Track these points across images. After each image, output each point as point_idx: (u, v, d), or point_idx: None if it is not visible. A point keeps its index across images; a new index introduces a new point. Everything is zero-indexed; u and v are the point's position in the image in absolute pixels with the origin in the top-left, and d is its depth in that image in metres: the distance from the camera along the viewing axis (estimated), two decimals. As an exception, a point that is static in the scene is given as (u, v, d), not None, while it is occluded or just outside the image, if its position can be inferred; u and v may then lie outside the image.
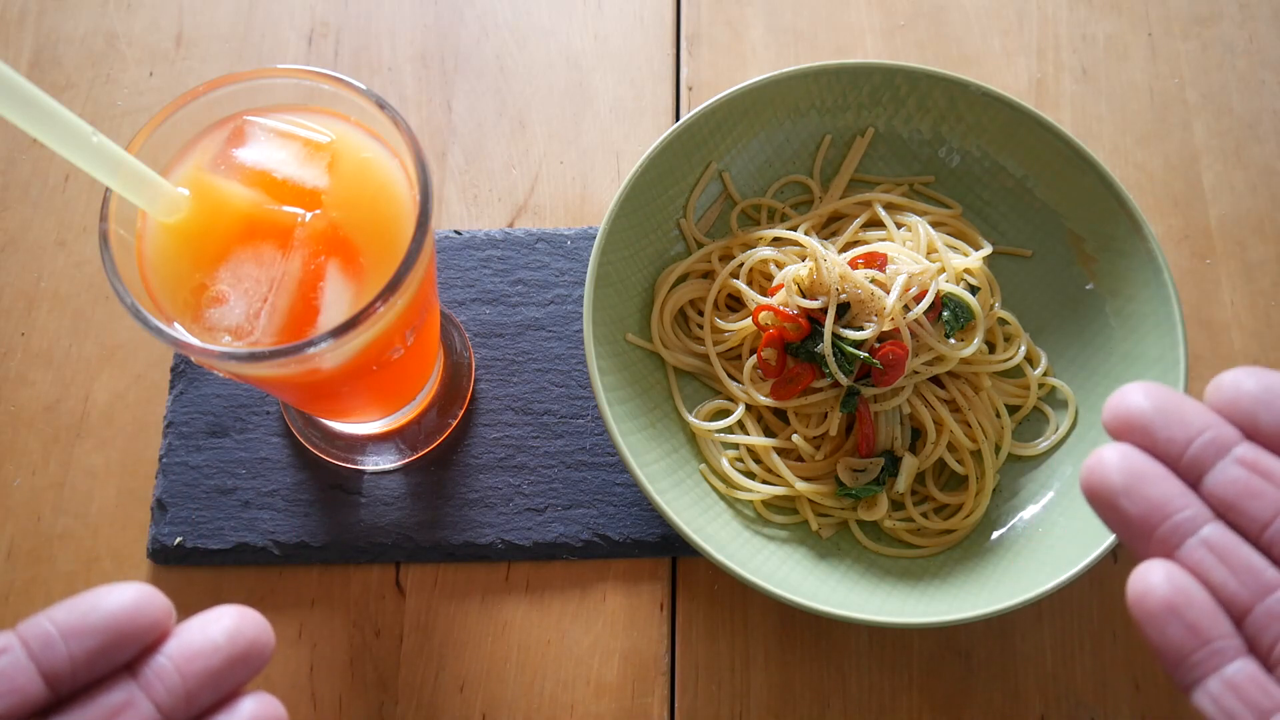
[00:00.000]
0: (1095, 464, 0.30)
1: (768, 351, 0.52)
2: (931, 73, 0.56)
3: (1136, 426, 0.30)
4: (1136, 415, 0.30)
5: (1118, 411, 0.30)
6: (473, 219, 0.62)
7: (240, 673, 0.28)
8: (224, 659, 0.27)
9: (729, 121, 0.57)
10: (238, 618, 0.28)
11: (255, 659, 0.28)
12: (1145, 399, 0.30)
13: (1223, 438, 0.29)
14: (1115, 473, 0.29)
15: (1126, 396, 0.30)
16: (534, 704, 0.51)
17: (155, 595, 0.27)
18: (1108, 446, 0.30)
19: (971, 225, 0.58)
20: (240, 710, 0.27)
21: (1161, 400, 0.30)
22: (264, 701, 0.28)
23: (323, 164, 0.41)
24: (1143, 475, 0.29)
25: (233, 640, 0.28)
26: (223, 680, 0.27)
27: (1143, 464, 0.29)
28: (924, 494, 0.54)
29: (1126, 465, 0.29)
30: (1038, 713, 0.52)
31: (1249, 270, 0.61)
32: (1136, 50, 0.67)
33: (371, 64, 0.65)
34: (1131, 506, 0.29)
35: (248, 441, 0.55)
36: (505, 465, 0.55)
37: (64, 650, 0.26)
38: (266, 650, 0.28)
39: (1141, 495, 0.29)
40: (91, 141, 0.35)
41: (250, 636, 0.28)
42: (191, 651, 0.27)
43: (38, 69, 0.65)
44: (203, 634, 0.27)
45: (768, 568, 0.49)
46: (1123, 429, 0.30)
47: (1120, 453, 0.30)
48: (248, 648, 0.28)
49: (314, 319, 0.39)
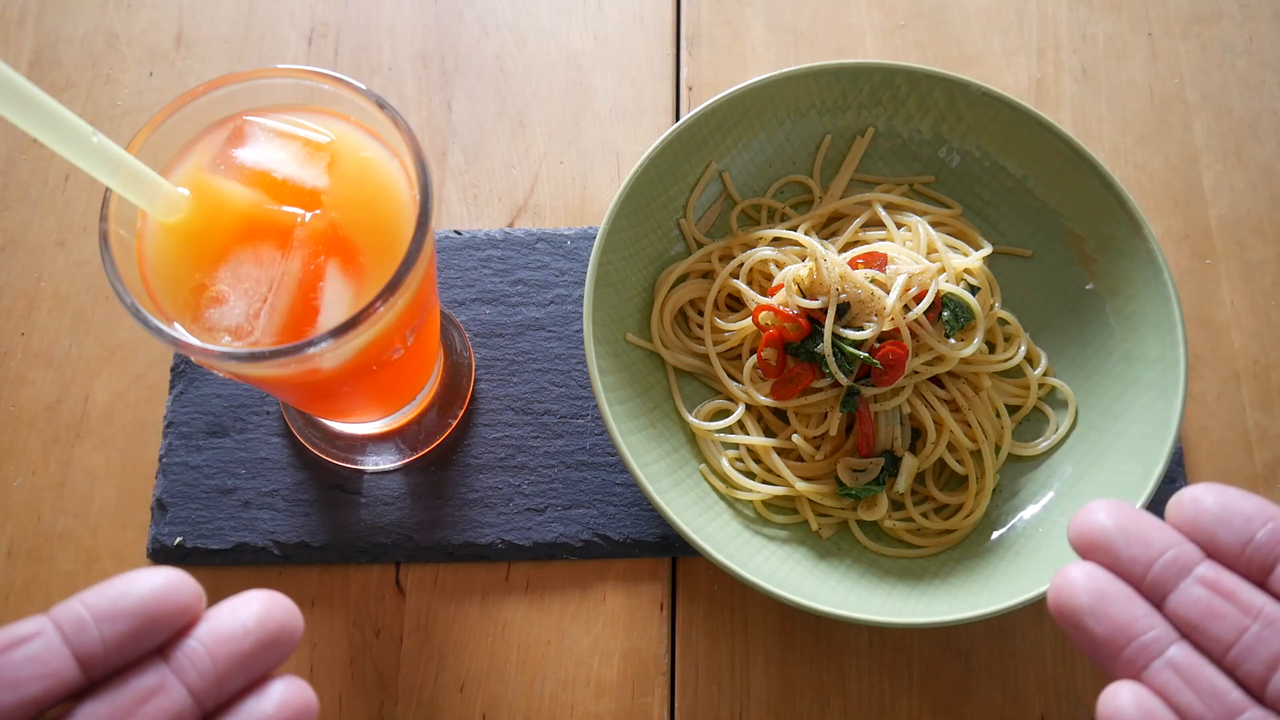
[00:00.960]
0: (1062, 584, 0.31)
1: (768, 351, 0.52)
2: (931, 73, 0.56)
3: (1100, 546, 0.31)
4: (1100, 535, 0.31)
5: (1081, 531, 0.31)
6: (473, 219, 0.62)
7: (270, 657, 0.28)
8: (254, 643, 0.28)
9: (729, 121, 0.57)
10: (267, 602, 0.28)
11: (285, 643, 0.28)
12: (1108, 518, 0.31)
13: (1184, 557, 0.30)
14: (1081, 593, 0.30)
15: (1091, 515, 0.31)
16: (534, 704, 0.51)
17: (186, 580, 0.28)
18: (1074, 565, 0.31)
19: (971, 225, 0.58)
20: (270, 693, 0.28)
21: (1124, 520, 0.31)
22: (294, 685, 0.28)
23: (322, 164, 0.41)
24: (1107, 595, 0.30)
25: (262, 624, 0.28)
26: (253, 664, 0.28)
27: (1107, 584, 0.30)
28: (924, 494, 0.54)
29: (1092, 585, 0.30)
30: (1038, 713, 0.52)
31: (1249, 270, 0.61)
32: (1136, 50, 0.67)
33: (371, 64, 0.65)
34: (1098, 627, 0.30)
35: (248, 441, 0.55)
36: (505, 465, 0.55)
37: (97, 634, 0.26)
38: (295, 634, 0.29)
39: (1107, 616, 0.30)
40: (91, 141, 0.35)
41: (280, 620, 0.28)
42: (222, 635, 0.27)
43: (38, 69, 0.65)
44: (233, 618, 0.28)
45: (768, 568, 0.49)
46: (1087, 548, 0.31)
47: (1086, 572, 0.30)
48: (277, 631, 0.28)
49: (314, 319, 0.39)
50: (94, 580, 0.54)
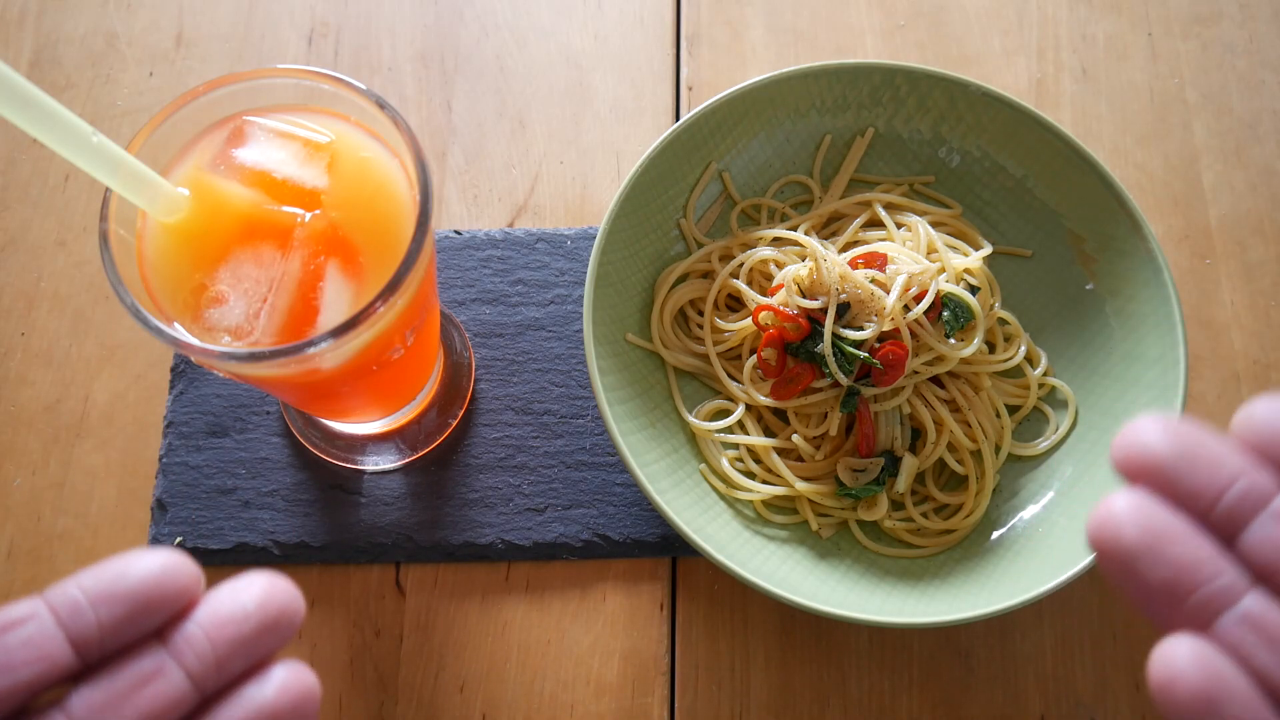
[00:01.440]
0: (1106, 517, 0.25)
1: (768, 351, 0.52)
2: (931, 73, 0.56)
3: (1154, 471, 0.25)
4: (1153, 458, 0.25)
5: (1130, 451, 0.25)
6: (473, 219, 0.62)
7: (271, 640, 0.27)
8: (255, 626, 0.27)
9: (729, 121, 0.57)
10: (268, 585, 0.27)
11: (286, 626, 0.27)
12: (1163, 438, 0.25)
13: (1259, 487, 0.24)
14: (1132, 529, 0.24)
15: (1141, 435, 0.25)
16: (534, 704, 0.51)
17: (184, 562, 0.27)
18: (1119, 495, 0.25)
19: (971, 225, 0.58)
20: (272, 678, 0.27)
21: (1183, 440, 0.25)
22: (295, 669, 0.27)
23: (322, 164, 0.41)
24: (1165, 533, 0.24)
25: (263, 607, 0.27)
26: (254, 648, 0.27)
27: (1164, 519, 0.25)
28: (924, 494, 0.54)
29: (1145, 519, 0.24)
30: (1038, 713, 0.52)
31: (1249, 270, 0.61)
32: (1136, 50, 0.67)
33: (371, 64, 0.65)
34: (1153, 572, 0.24)
35: (248, 441, 0.55)
36: (505, 465, 0.55)
37: (92, 617, 0.25)
38: (297, 617, 0.28)
39: (1165, 557, 0.24)
40: (91, 141, 0.35)
41: (281, 603, 0.27)
42: (222, 619, 0.27)
43: (38, 69, 0.65)
44: (233, 601, 0.27)
45: (768, 568, 0.49)
46: (1137, 473, 0.25)
47: (1135, 504, 0.25)
48: (278, 615, 0.27)
49: (314, 319, 0.39)
50: (94, 580, 0.54)
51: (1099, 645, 0.53)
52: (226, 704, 0.26)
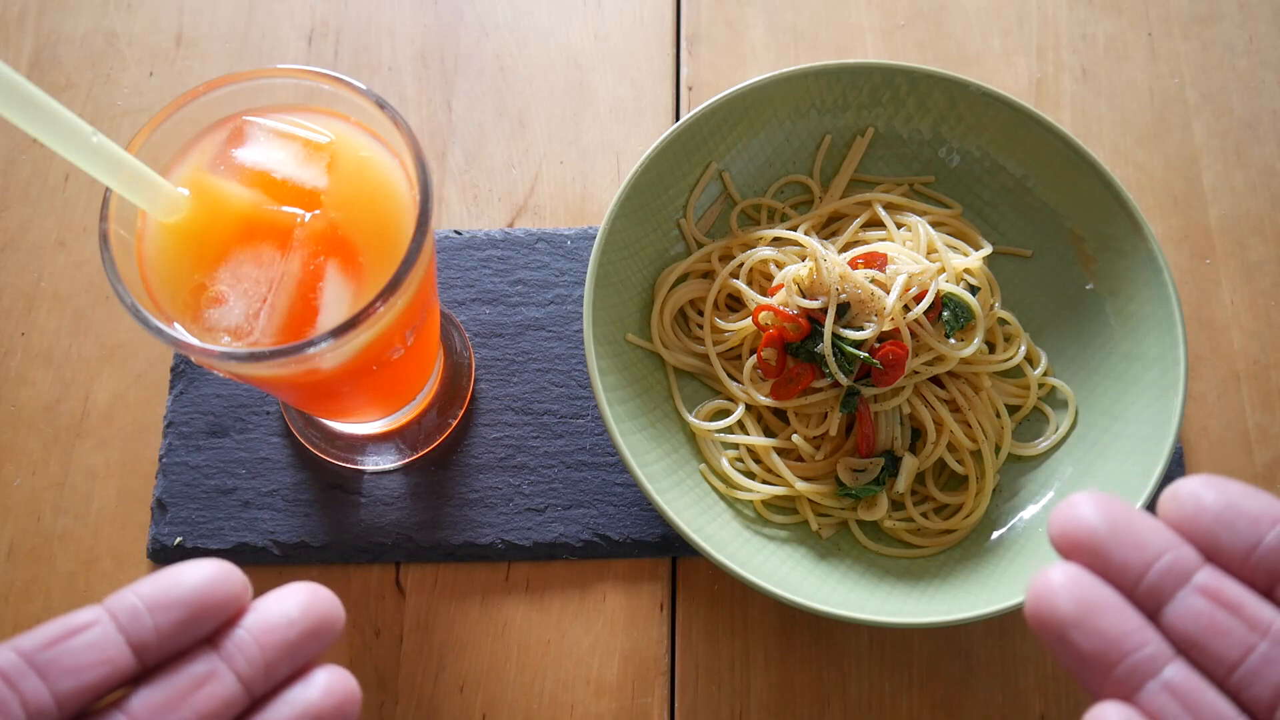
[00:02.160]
0: (1043, 589, 0.27)
1: (768, 351, 0.52)
2: (931, 73, 0.56)
3: (1087, 546, 0.27)
4: (1087, 534, 0.27)
5: (1066, 529, 0.28)
6: (473, 219, 0.62)
7: (314, 646, 0.29)
8: (299, 632, 0.28)
9: (729, 121, 0.57)
10: (310, 593, 0.29)
11: (327, 632, 0.29)
12: (1096, 514, 0.27)
13: (1182, 562, 0.27)
14: (1066, 601, 0.26)
15: (1075, 511, 0.28)
16: (534, 704, 0.51)
17: (233, 570, 0.28)
18: (1055, 567, 0.27)
19: (971, 225, 0.58)
20: (315, 681, 0.28)
21: (1114, 517, 0.27)
22: (337, 673, 0.29)
23: (322, 164, 0.41)
24: (1095, 605, 0.26)
25: (306, 614, 0.29)
26: (298, 653, 0.28)
27: (1095, 591, 0.27)
28: (924, 494, 0.54)
29: (1078, 593, 0.26)
30: (1038, 713, 0.52)
31: (1249, 270, 0.61)
32: (1136, 50, 0.67)
33: (371, 64, 0.65)
34: (1084, 641, 0.26)
35: (248, 441, 0.55)
36: (505, 465, 0.55)
37: (150, 622, 0.27)
38: (338, 624, 0.29)
39: (1095, 629, 0.26)
40: (91, 141, 0.35)
41: (322, 611, 0.29)
42: (269, 625, 0.28)
43: (38, 69, 0.65)
44: (279, 608, 0.29)
45: (768, 568, 0.49)
46: (1071, 548, 0.27)
47: (1070, 577, 0.27)
48: (320, 621, 0.29)
49: (313, 319, 0.39)
50: (94, 580, 0.54)
51: (1099, 645, 0.53)
52: (275, 705, 0.28)
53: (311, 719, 0.28)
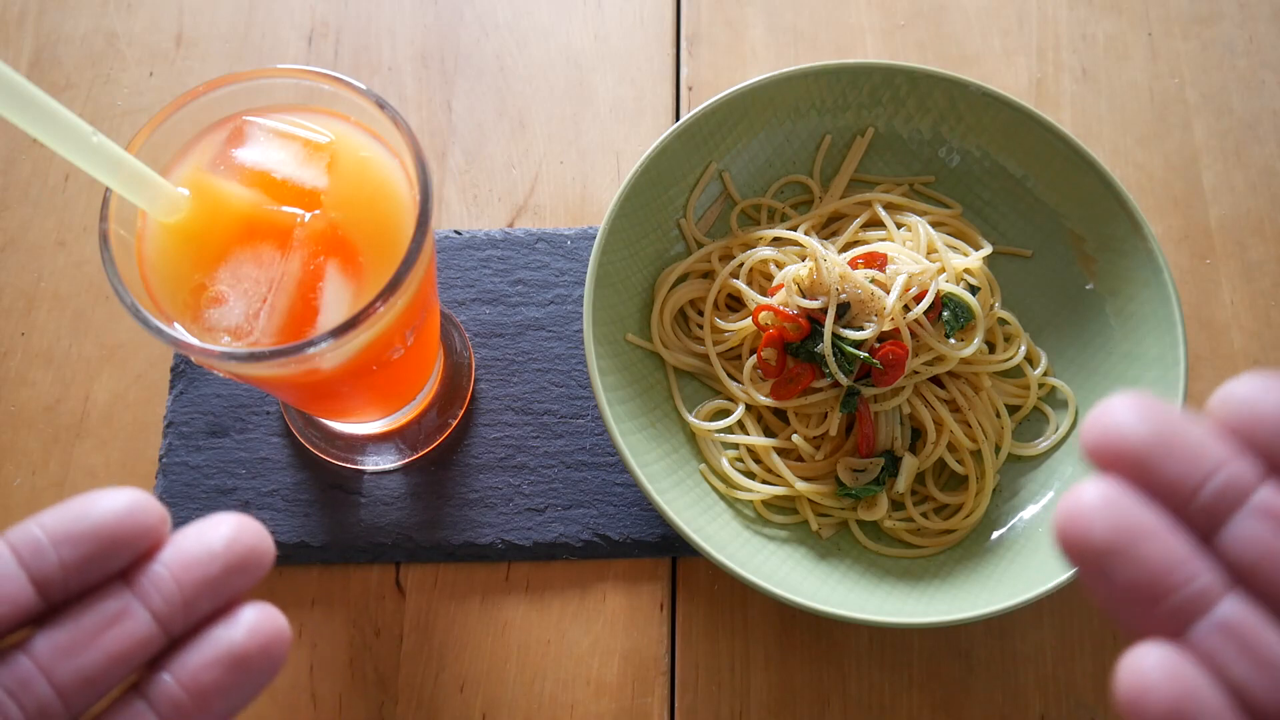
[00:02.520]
0: (1075, 510, 0.23)
1: (768, 351, 0.52)
2: (931, 73, 0.56)
3: (1129, 458, 0.23)
4: (1129, 443, 0.23)
5: (1102, 436, 0.23)
6: (473, 219, 0.62)
7: (239, 580, 0.27)
8: (222, 566, 0.26)
9: (729, 121, 0.57)
10: (235, 525, 0.27)
11: (255, 566, 0.27)
12: (1139, 421, 0.23)
13: (1239, 478, 0.22)
14: (1102, 525, 0.22)
15: (1114, 416, 0.23)
16: (534, 704, 0.51)
17: (150, 501, 0.26)
18: (1089, 485, 0.23)
19: (971, 225, 0.58)
20: (240, 619, 0.26)
21: (1159, 425, 0.23)
22: (264, 611, 0.27)
23: (322, 164, 0.41)
24: (1138, 530, 0.22)
25: (230, 547, 0.26)
26: (221, 588, 0.26)
27: (1137, 514, 0.23)
28: (924, 494, 0.54)
29: (1117, 515, 0.22)
30: (1038, 713, 0.51)
31: (1249, 270, 0.61)
32: (1136, 50, 0.67)
33: (371, 64, 0.65)
34: (1125, 573, 0.22)
35: (248, 441, 0.55)
36: (505, 465, 0.55)
37: (54, 557, 0.25)
38: (266, 558, 0.27)
39: (1138, 557, 0.22)
40: (91, 141, 0.35)
41: (249, 544, 0.27)
42: (188, 559, 0.26)
43: (38, 69, 0.65)
44: (199, 542, 0.26)
45: (768, 568, 0.49)
46: (1111, 460, 0.23)
47: (1106, 496, 0.23)
48: (246, 554, 0.27)
49: (313, 319, 0.39)
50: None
51: (1099, 645, 0.53)
52: (194, 645, 0.26)
53: (235, 659, 0.26)
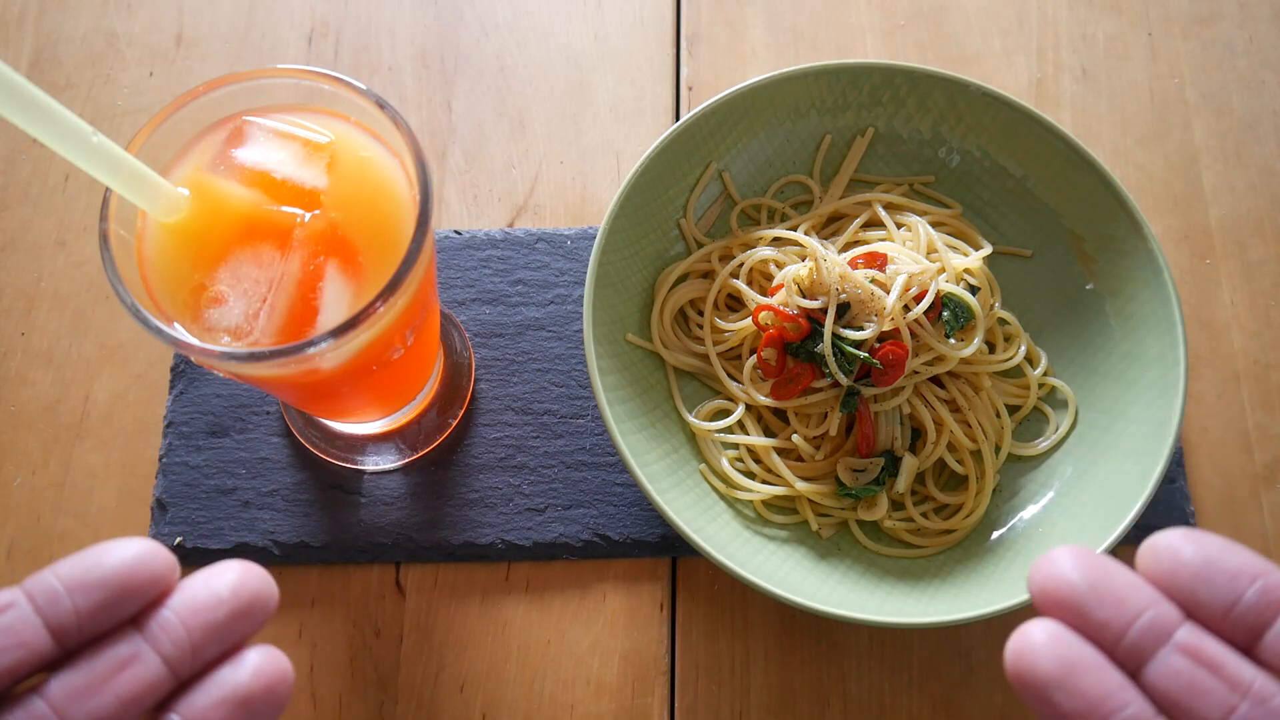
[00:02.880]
0: (1024, 647, 0.27)
1: (768, 351, 0.52)
2: (931, 73, 0.56)
3: (1067, 604, 0.27)
4: (1066, 591, 0.27)
5: (1045, 585, 0.28)
6: (473, 219, 0.62)
7: (244, 626, 0.28)
8: (228, 612, 0.28)
9: (729, 121, 0.56)
10: (241, 572, 0.28)
11: (259, 612, 0.28)
12: (1075, 571, 0.27)
13: (1162, 620, 0.26)
14: (1047, 661, 0.26)
15: (1055, 567, 0.28)
16: (534, 704, 0.51)
17: (159, 550, 0.27)
18: (1035, 624, 0.27)
19: (971, 225, 0.58)
20: (245, 662, 0.28)
21: (1093, 573, 0.27)
22: (268, 654, 0.28)
23: (322, 164, 0.41)
24: (1076, 665, 0.26)
25: (236, 594, 0.28)
26: (227, 633, 0.28)
27: (1076, 650, 0.26)
28: (924, 494, 0.54)
29: (1059, 651, 0.26)
30: (1038, 713, 0.51)
31: (1249, 270, 0.61)
32: (1136, 50, 0.67)
33: (371, 64, 0.65)
34: (1066, 701, 0.26)
35: (248, 441, 0.55)
36: (505, 465, 0.55)
37: (69, 605, 0.26)
38: (270, 603, 0.28)
39: (1077, 689, 0.26)
40: (91, 141, 0.35)
41: (254, 590, 0.28)
42: (196, 605, 0.27)
43: (38, 69, 0.65)
44: (206, 588, 0.28)
45: (768, 568, 0.49)
46: (1052, 605, 0.27)
47: (1050, 635, 0.27)
48: (251, 600, 0.28)
49: (313, 319, 0.39)
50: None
51: (1099, 645, 0.53)
52: (201, 687, 0.27)
53: (240, 701, 0.27)
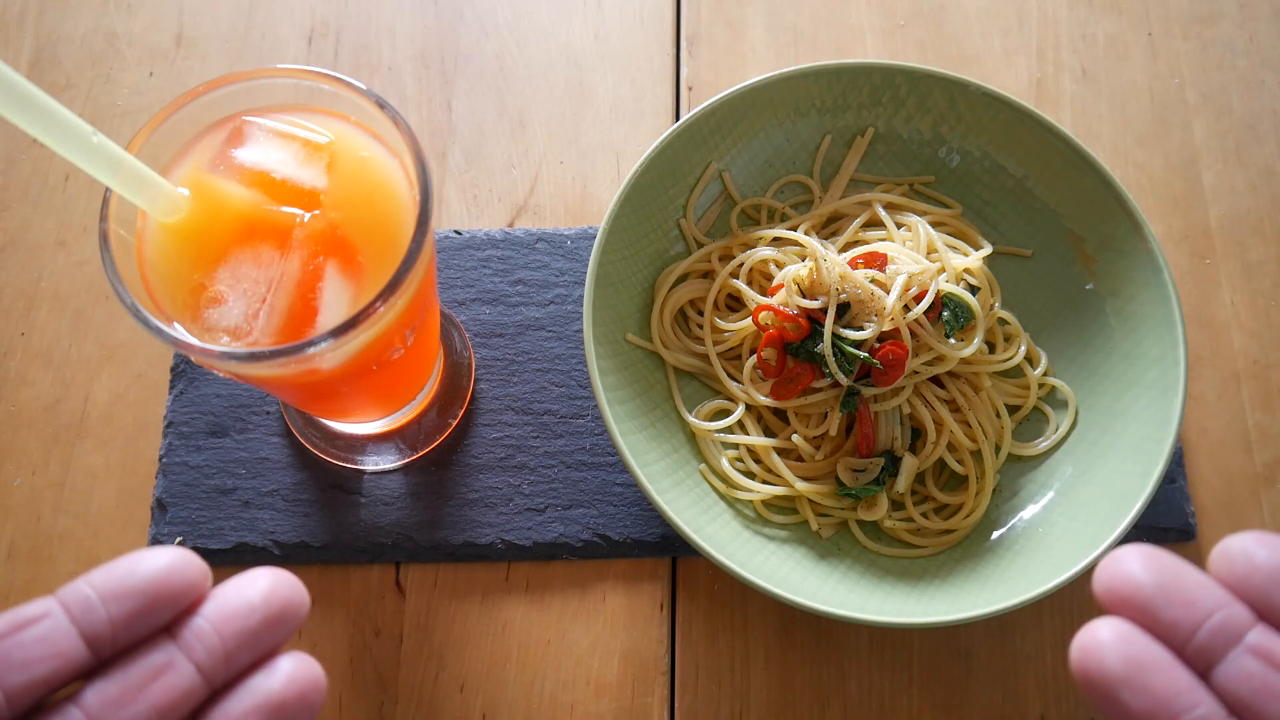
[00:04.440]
0: (1091, 645, 0.26)
1: (768, 351, 0.52)
2: (931, 73, 0.56)
3: (1135, 603, 0.27)
4: (1134, 590, 0.27)
5: (1112, 585, 0.27)
6: (473, 219, 0.62)
7: (277, 633, 0.28)
8: (260, 620, 0.28)
9: (729, 121, 0.56)
10: (272, 579, 0.28)
11: (291, 619, 0.28)
12: (1144, 571, 0.27)
13: (1233, 621, 0.26)
14: (1115, 659, 0.26)
15: (1122, 565, 0.27)
16: (534, 704, 0.51)
17: (192, 558, 0.28)
18: (1102, 623, 0.27)
19: (971, 225, 0.58)
20: (278, 669, 0.28)
21: (1162, 573, 0.27)
22: (301, 661, 0.28)
23: (321, 164, 0.41)
24: (1146, 664, 0.26)
25: (268, 601, 0.28)
26: (260, 641, 0.28)
27: (1145, 650, 0.26)
28: (924, 494, 0.54)
29: (1128, 650, 0.26)
30: (1038, 713, 0.51)
31: (1249, 270, 0.61)
32: (1136, 50, 0.67)
33: (371, 64, 0.65)
34: (1134, 700, 0.25)
35: (248, 441, 0.55)
36: (505, 465, 0.55)
37: (104, 614, 0.26)
38: (301, 610, 0.29)
39: (1145, 689, 0.25)
40: (91, 141, 0.35)
41: (285, 597, 0.28)
42: (229, 613, 0.28)
43: (38, 69, 0.65)
44: (239, 596, 0.28)
45: (768, 568, 0.49)
46: (1119, 604, 0.27)
47: (1118, 633, 0.26)
48: (283, 608, 0.28)
49: (313, 319, 0.39)
50: (94, 580, 0.54)
51: (1099, 645, 0.53)
52: (235, 695, 0.27)
53: (274, 708, 0.27)
